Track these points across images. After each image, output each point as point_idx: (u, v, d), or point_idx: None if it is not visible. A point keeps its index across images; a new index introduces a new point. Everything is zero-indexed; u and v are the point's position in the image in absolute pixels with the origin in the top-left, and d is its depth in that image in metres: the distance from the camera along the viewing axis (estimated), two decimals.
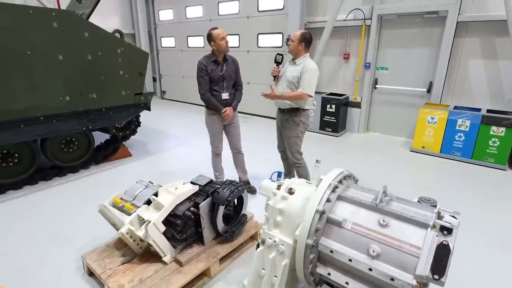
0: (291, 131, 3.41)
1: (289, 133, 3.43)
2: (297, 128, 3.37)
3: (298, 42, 3.18)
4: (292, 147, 3.47)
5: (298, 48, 3.20)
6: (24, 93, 3.58)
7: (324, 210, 1.40)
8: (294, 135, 3.41)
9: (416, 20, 5.62)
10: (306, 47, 3.23)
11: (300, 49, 3.21)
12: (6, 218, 3.38)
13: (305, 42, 3.19)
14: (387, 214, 1.34)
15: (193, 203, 2.45)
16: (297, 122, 3.35)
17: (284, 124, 3.47)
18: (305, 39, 3.18)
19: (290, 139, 3.45)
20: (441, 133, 5.23)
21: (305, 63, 3.18)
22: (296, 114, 3.34)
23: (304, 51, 3.24)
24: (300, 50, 3.21)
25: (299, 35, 3.18)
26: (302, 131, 3.42)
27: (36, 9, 3.53)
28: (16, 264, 2.65)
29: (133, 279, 2.25)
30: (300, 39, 3.17)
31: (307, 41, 3.20)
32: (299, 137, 3.43)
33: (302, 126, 3.39)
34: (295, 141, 3.44)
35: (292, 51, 3.27)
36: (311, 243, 1.37)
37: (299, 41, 3.17)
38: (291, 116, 3.36)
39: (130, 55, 4.49)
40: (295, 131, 3.39)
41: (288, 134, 3.45)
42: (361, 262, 1.28)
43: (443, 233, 1.24)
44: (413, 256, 1.21)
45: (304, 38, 3.18)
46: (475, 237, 3.04)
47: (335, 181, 1.50)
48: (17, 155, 3.88)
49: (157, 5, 10.02)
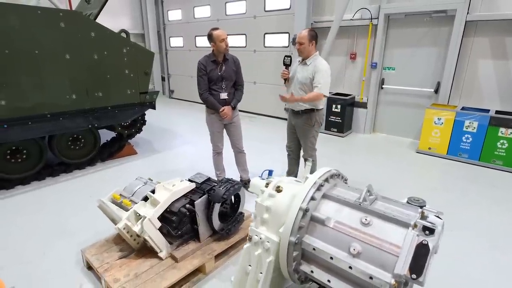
0: (308, 132, 3.43)
1: (306, 134, 3.45)
2: (313, 128, 3.40)
3: (309, 41, 3.13)
4: (309, 146, 3.51)
5: (310, 48, 3.17)
6: (32, 91, 3.70)
7: (307, 208, 1.41)
8: (311, 135, 3.45)
9: (424, 19, 5.52)
10: (315, 45, 3.21)
11: (311, 48, 3.18)
12: (14, 212, 3.50)
13: (315, 40, 3.17)
14: (370, 213, 1.34)
15: (189, 200, 2.49)
16: (312, 123, 3.37)
17: (300, 126, 3.47)
18: (314, 37, 3.16)
19: (308, 139, 3.47)
20: (448, 134, 5.13)
21: (315, 62, 3.17)
22: (311, 116, 3.34)
23: (314, 50, 3.22)
24: (311, 50, 3.19)
25: (308, 35, 3.12)
26: (317, 130, 3.46)
27: (44, 9, 3.64)
28: (21, 257, 2.75)
29: (129, 274, 2.30)
30: (309, 38, 3.13)
31: (315, 38, 3.18)
32: (314, 136, 3.48)
33: (317, 126, 3.43)
34: (312, 141, 3.49)
35: (304, 52, 3.21)
36: (294, 241, 1.38)
37: (309, 40, 3.13)
38: (307, 118, 3.36)
39: (135, 54, 4.57)
40: (312, 131, 3.42)
41: (306, 135, 3.47)
42: (341, 260, 1.28)
43: (425, 233, 1.23)
44: (392, 255, 1.20)
45: (312, 36, 3.15)
46: (478, 240, 2.99)
47: (320, 180, 1.51)
48: (25, 152, 4.01)
49: (166, 5, 10.16)
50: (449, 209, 3.57)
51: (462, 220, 3.34)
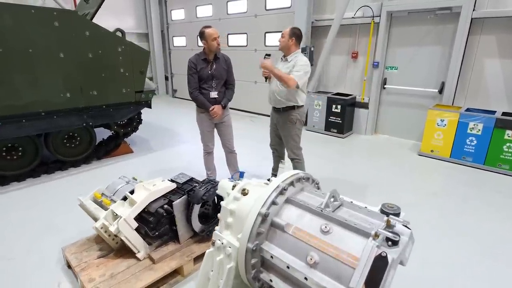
0: (290, 130, 3.38)
1: (288, 132, 3.40)
2: (295, 126, 3.35)
3: (289, 37, 3.16)
4: (291, 144, 3.44)
5: (289, 44, 3.17)
6: (26, 90, 3.73)
7: (267, 213, 1.33)
8: (293, 133, 3.39)
9: (427, 17, 5.34)
10: (297, 43, 3.20)
11: (291, 44, 3.17)
12: (7, 208, 3.53)
13: (295, 37, 3.16)
14: (331, 220, 1.26)
15: (168, 200, 2.44)
16: (293, 120, 3.33)
17: (281, 124, 3.44)
18: (295, 34, 3.16)
19: (289, 137, 3.42)
20: (451, 136, 4.94)
21: (296, 59, 3.14)
22: (292, 113, 3.31)
23: (295, 47, 3.21)
24: (291, 46, 3.18)
25: (290, 31, 3.16)
26: (299, 128, 3.40)
27: (38, 8, 3.66)
28: (6, 253, 2.76)
29: (105, 274, 2.27)
30: (290, 34, 3.15)
31: (297, 36, 3.17)
32: (297, 134, 3.41)
33: (299, 123, 3.37)
34: (294, 139, 3.42)
35: (284, 47, 3.23)
36: (251, 247, 1.31)
37: (290, 36, 3.15)
38: (288, 115, 3.33)
39: (131, 53, 4.56)
40: (293, 129, 3.37)
41: (287, 133, 3.42)
42: (297, 270, 1.21)
43: (388, 244, 1.14)
44: (349, 267, 1.12)
45: (294, 33, 3.15)
46: (475, 247, 2.85)
47: (284, 184, 1.43)
48: (21, 149, 4.06)
49: (169, 5, 10.19)
50: (448, 215, 3.43)
51: (460, 226, 3.20)
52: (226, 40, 8.40)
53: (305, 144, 5.92)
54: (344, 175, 4.48)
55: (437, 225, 3.23)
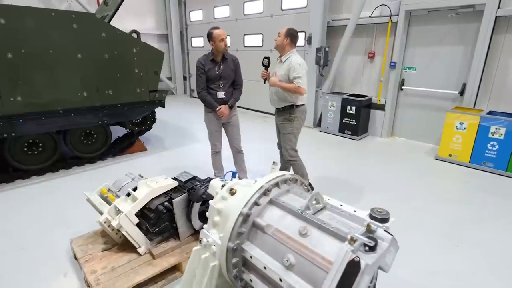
0: (286, 128, 3.41)
1: (284, 130, 3.44)
2: (292, 124, 3.36)
3: (284, 36, 3.18)
4: (286, 143, 3.44)
5: (284, 43, 3.20)
6: (46, 89, 3.93)
7: (249, 213, 1.34)
8: (288, 131, 3.40)
9: (448, 15, 5.11)
10: (291, 43, 3.22)
11: (286, 44, 3.20)
12: (26, 200, 3.74)
13: (290, 37, 3.18)
14: (310, 223, 1.24)
15: (169, 198, 2.49)
16: (291, 119, 3.34)
17: (280, 122, 3.48)
18: (290, 35, 3.18)
19: (285, 135, 3.44)
20: (471, 140, 4.71)
21: (290, 59, 3.16)
22: (290, 111, 3.33)
23: (290, 47, 3.23)
24: (285, 45, 3.21)
25: (286, 30, 3.20)
26: (297, 127, 3.38)
27: (58, 11, 3.86)
28: (19, 243, 2.92)
29: (107, 266, 2.36)
30: (286, 33, 3.18)
31: (292, 36, 3.20)
32: (293, 134, 3.39)
33: (297, 123, 3.36)
34: (289, 138, 3.40)
35: (278, 46, 3.26)
36: (232, 246, 1.32)
37: (285, 35, 3.18)
38: (286, 113, 3.37)
39: (145, 54, 4.70)
40: (290, 127, 3.37)
41: (283, 131, 3.46)
42: (273, 272, 1.20)
43: (365, 249, 1.11)
44: (323, 271, 1.10)
45: (289, 33, 3.18)
46: (485, 261, 2.69)
47: (268, 184, 1.42)
48: (41, 145, 4.28)
49: (188, 6, 10.39)
50: (461, 223, 3.27)
51: (472, 236, 3.04)
52: (242, 41, 8.48)
53: (318, 145, 5.91)
54: (356, 178, 4.38)
55: (447, 233, 3.08)
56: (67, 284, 2.41)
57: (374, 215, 1.41)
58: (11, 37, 3.55)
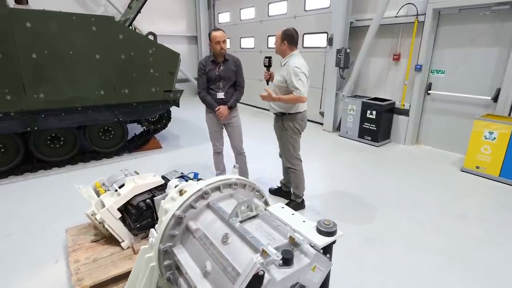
0: (282, 136, 3.30)
1: (280, 137, 3.34)
2: (286, 133, 3.20)
3: (281, 41, 3.01)
4: (284, 151, 3.32)
5: (282, 48, 3.04)
6: (66, 87, 4.24)
7: (181, 216, 1.31)
8: (284, 139, 3.28)
9: (481, 13, 4.64)
10: (290, 45, 3.02)
11: (284, 48, 3.03)
12: (45, 189, 4.05)
13: (287, 40, 2.99)
14: (234, 231, 1.18)
15: (152, 195, 2.55)
16: (284, 127, 3.19)
17: (275, 129, 3.38)
18: (286, 37, 2.99)
19: (282, 143, 3.34)
20: (501, 152, 4.22)
21: (289, 63, 2.98)
22: (283, 119, 3.19)
23: (289, 50, 3.04)
24: (284, 49, 3.04)
25: (281, 34, 3.00)
26: (292, 136, 3.21)
27: (79, 15, 4.14)
28: (24, 228, 3.17)
29: (90, 257, 2.46)
30: (282, 37, 3.00)
31: (289, 38, 2.99)
32: (290, 142, 3.24)
33: (291, 131, 3.18)
34: (287, 146, 3.27)
35: (278, 51, 3.12)
36: (162, 248, 1.31)
37: (281, 39, 3.00)
38: (280, 120, 3.24)
39: (161, 55, 4.87)
40: (285, 135, 3.24)
41: (280, 138, 3.35)
42: (191, 278, 1.16)
43: (279, 263, 1.03)
44: (231, 282, 1.04)
45: (285, 36, 2.98)
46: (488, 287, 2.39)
47: (207, 188, 1.39)
48: (62, 139, 4.63)
49: (217, 8, 10.62)
50: (472, 242, 2.94)
51: (482, 259, 2.71)
52: (266, 43, 8.46)
53: (335, 150, 5.69)
54: (366, 186, 4.14)
55: (450, 254, 2.78)
56: (55, 271, 2.57)
57: (320, 228, 1.31)
58: (35, 39, 3.88)
